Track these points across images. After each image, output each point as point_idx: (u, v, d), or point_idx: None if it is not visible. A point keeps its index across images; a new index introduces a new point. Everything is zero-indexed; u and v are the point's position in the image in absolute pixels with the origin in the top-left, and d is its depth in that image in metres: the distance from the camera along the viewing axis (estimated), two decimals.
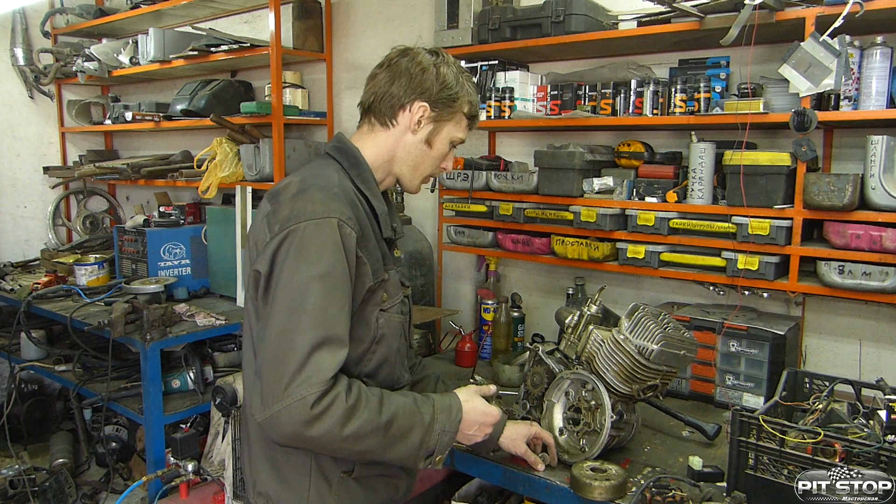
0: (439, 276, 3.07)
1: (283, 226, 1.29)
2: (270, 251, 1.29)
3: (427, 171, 1.56)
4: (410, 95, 1.47)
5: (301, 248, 1.26)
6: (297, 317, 1.23)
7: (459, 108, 1.51)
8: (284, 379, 1.20)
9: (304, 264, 1.25)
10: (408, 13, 3.28)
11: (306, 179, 1.38)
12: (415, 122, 1.48)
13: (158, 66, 3.81)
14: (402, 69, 1.47)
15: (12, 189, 4.59)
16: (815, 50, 1.90)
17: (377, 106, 1.49)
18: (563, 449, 1.75)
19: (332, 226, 1.28)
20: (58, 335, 3.61)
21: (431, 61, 1.47)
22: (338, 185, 1.38)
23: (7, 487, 3.13)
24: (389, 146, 1.51)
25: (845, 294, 1.97)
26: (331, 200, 1.32)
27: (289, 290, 1.25)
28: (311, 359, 1.21)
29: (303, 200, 1.31)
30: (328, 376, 1.22)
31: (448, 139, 1.53)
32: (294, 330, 1.23)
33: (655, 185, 2.31)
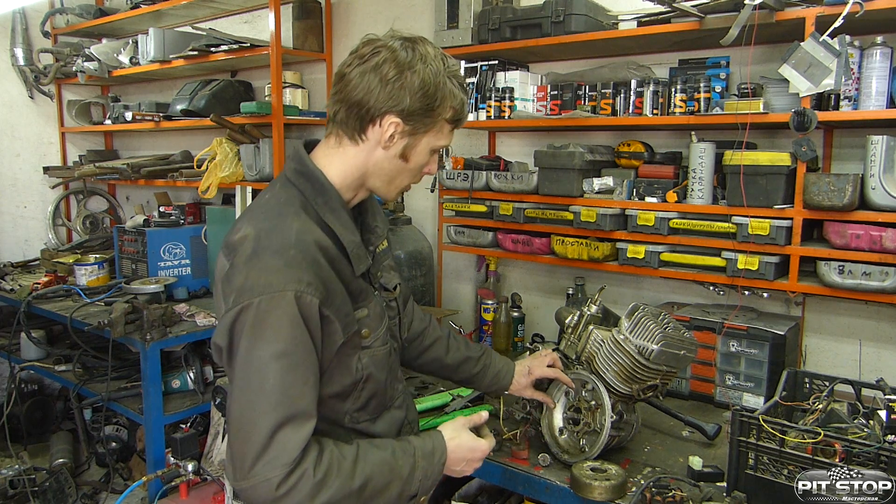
0: (439, 276, 3.07)
1: (237, 299, 1.19)
2: (227, 325, 1.20)
3: (405, 183, 1.42)
4: (380, 108, 1.28)
5: (256, 325, 1.17)
6: (257, 397, 1.17)
7: (440, 116, 1.33)
8: (249, 459, 1.16)
9: (260, 342, 1.17)
10: (408, 13, 3.28)
11: (261, 235, 1.23)
12: (386, 139, 1.31)
13: (158, 66, 3.81)
14: (370, 75, 1.27)
15: (12, 189, 4.59)
16: (815, 50, 1.90)
17: (343, 118, 1.32)
18: (563, 449, 1.75)
19: (289, 300, 1.17)
20: (58, 335, 3.61)
21: (406, 62, 1.27)
22: (295, 241, 1.22)
23: (7, 487, 3.13)
24: (359, 163, 1.35)
25: (845, 294, 1.97)
26: (286, 268, 1.19)
27: (247, 370, 1.18)
28: (274, 439, 1.16)
29: (257, 269, 1.19)
30: (293, 457, 1.16)
31: (427, 149, 1.37)
32: (255, 410, 1.17)
33: (655, 185, 2.31)
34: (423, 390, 2.30)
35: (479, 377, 1.80)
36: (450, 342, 1.80)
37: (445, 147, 1.41)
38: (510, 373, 1.81)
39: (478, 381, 1.81)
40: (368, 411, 1.41)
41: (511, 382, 1.81)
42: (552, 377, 1.80)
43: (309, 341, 1.21)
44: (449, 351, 1.78)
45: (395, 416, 1.49)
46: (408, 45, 1.29)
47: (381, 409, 1.45)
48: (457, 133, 2.38)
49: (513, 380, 1.81)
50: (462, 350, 1.80)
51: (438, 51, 1.33)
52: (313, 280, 1.21)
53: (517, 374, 1.81)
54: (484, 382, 1.81)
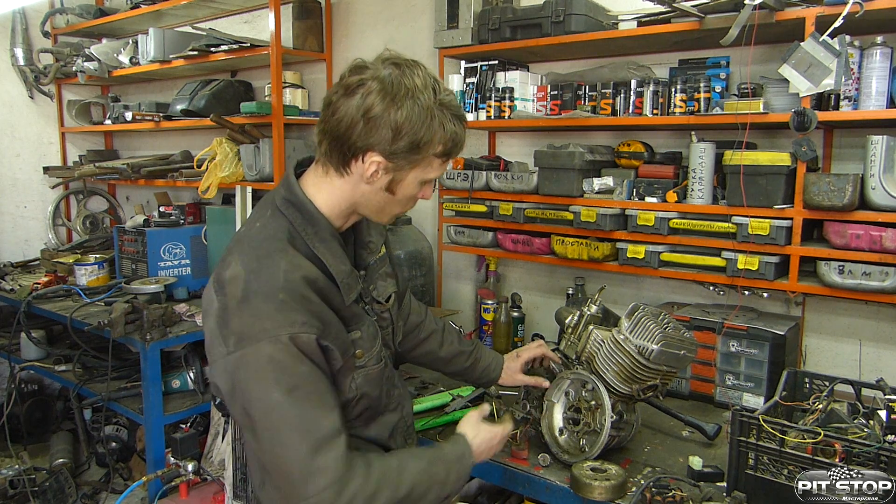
0: (439, 276, 3.07)
1: (236, 345, 1.21)
2: (229, 370, 1.22)
3: (396, 212, 1.41)
4: (362, 145, 1.25)
5: (261, 370, 1.19)
6: (284, 435, 1.20)
7: (428, 153, 1.29)
8: (296, 490, 1.20)
9: (269, 386, 1.19)
10: (408, 13, 3.28)
11: (251, 277, 1.23)
12: (368, 175, 1.29)
13: (158, 66, 3.81)
14: (353, 107, 1.23)
15: (12, 189, 4.59)
16: (815, 50, 1.90)
17: (327, 150, 1.30)
18: (564, 449, 1.75)
19: (286, 342, 1.19)
20: (58, 335, 3.61)
21: (392, 97, 1.22)
22: (283, 283, 1.22)
23: (7, 487, 3.13)
24: (346, 195, 1.33)
25: (845, 294, 1.97)
26: (278, 313, 1.20)
27: (267, 414, 1.20)
28: (313, 466, 1.19)
29: (250, 314, 1.21)
30: (337, 474, 1.20)
31: (415, 182, 1.34)
32: (287, 447, 1.20)
33: (655, 185, 2.31)
34: (423, 390, 2.30)
35: (469, 370, 1.89)
36: (444, 336, 1.88)
37: (436, 178, 1.38)
38: (499, 365, 1.91)
39: (468, 374, 1.90)
40: (361, 420, 1.46)
41: (500, 374, 1.90)
42: (538, 355, 1.91)
43: (316, 370, 1.24)
44: (443, 345, 1.86)
45: (388, 420, 1.53)
46: (397, 75, 1.24)
47: (374, 416, 1.49)
48: None
49: (502, 370, 1.90)
50: (455, 344, 1.88)
51: (430, 79, 1.28)
52: (307, 318, 1.23)
53: (507, 362, 1.91)
54: (474, 375, 1.90)
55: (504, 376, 1.90)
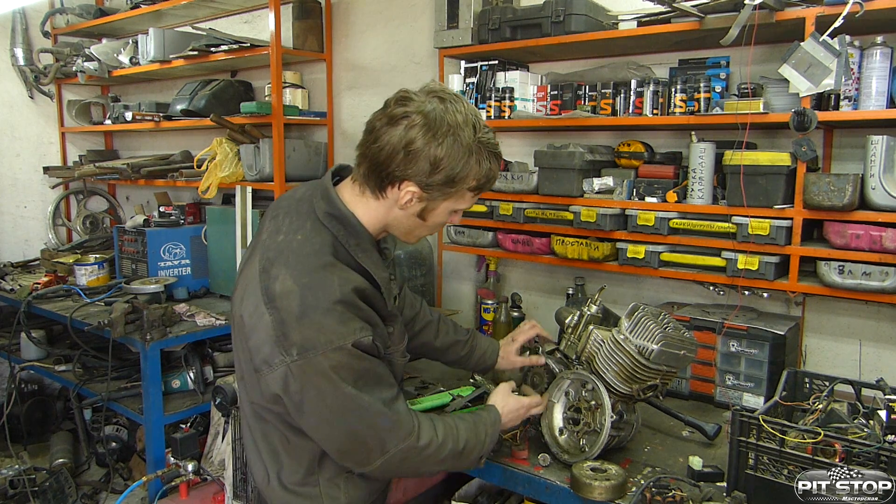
0: (439, 276, 3.07)
1: (300, 354, 1.29)
2: (293, 374, 1.31)
3: (423, 234, 1.51)
4: (400, 174, 1.34)
5: (329, 374, 1.30)
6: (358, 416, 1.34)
7: (462, 187, 1.38)
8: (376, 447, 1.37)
9: (338, 383, 1.30)
10: (408, 13, 3.28)
11: (306, 293, 1.31)
12: (403, 202, 1.38)
13: (158, 66, 3.81)
14: (396, 138, 1.31)
15: (12, 189, 4.59)
16: (815, 50, 1.90)
17: (365, 172, 1.38)
18: (563, 449, 1.75)
19: (350, 349, 1.30)
20: (58, 335, 3.61)
21: (433, 133, 1.29)
22: (339, 297, 1.31)
23: (7, 487, 3.13)
24: (381, 216, 1.43)
25: (845, 294, 1.97)
26: (339, 325, 1.30)
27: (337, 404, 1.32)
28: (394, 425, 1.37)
29: (312, 328, 1.29)
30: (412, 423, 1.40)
31: (446, 212, 1.44)
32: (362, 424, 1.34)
33: (655, 185, 2.31)
34: (423, 390, 2.30)
35: (466, 358, 1.96)
36: (439, 326, 1.93)
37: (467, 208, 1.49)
38: (495, 351, 1.97)
39: (465, 362, 1.97)
40: None
41: (496, 360, 1.97)
42: (532, 336, 1.98)
43: (374, 361, 1.38)
44: (438, 335, 1.92)
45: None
46: (440, 111, 1.31)
47: None
48: None
49: (498, 356, 1.96)
50: (451, 334, 1.94)
51: (472, 116, 1.34)
52: (362, 325, 1.34)
53: (502, 347, 1.97)
54: (471, 363, 1.96)
55: (501, 361, 1.96)
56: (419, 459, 1.42)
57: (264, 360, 1.34)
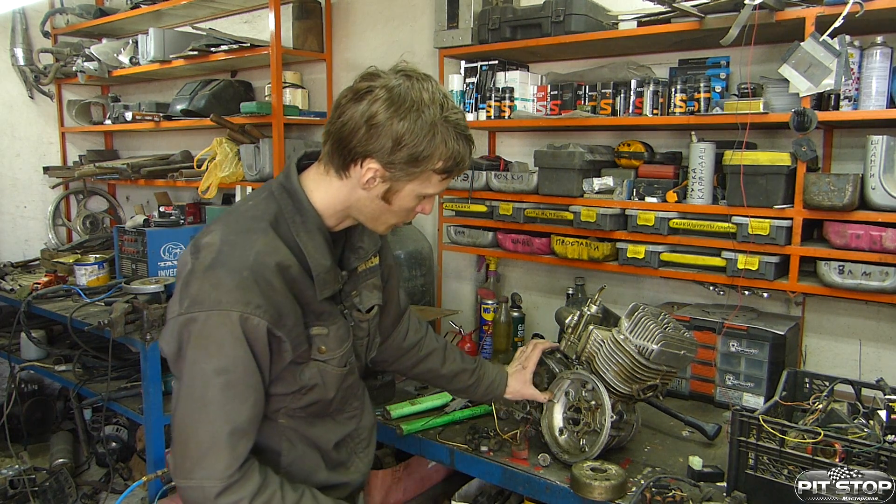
0: (439, 276, 3.07)
1: (189, 307, 1.22)
2: (176, 330, 1.24)
3: (391, 222, 1.40)
4: (361, 151, 1.26)
5: (203, 338, 1.21)
6: (198, 407, 1.22)
7: (427, 168, 1.28)
8: (187, 462, 1.22)
9: (204, 355, 1.22)
10: (408, 13, 3.28)
11: (224, 248, 1.25)
12: (364, 181, 1.29)
13: (158, 66, 3.81)
14: (358, 113, 1.24)
15: (12, 189, 4.58)
16: (815, 50, 1.90)
17: (329, 150, 1.31)
18: (563, 449, 1.75)
19: (234, 320, 1.20)
20: (58, 335, 3.61)
21: (397, 108, 1.23)
22: (252, 262, 1.23)
23: (7, 487, 3.13)
24: (342, 197, 1.34)
25: (845, 294, 1.97)
26: (237, 289, 1.21)
27: (191, 380, 1.23)
28: (211, 452, 1.21)
29: (210, 282, 1.22)
30: (229, 471, 1.21)
31: (412, 196, 1.34)
32: (196, 420, 1.22)
33: (655, 185, 2.31)
34: (423, 390, 2.31)
35: (473, 388, 1.84)
36: (446, 354, 1.83)
37: (435, 195, 1.38)
38: (503, 381, 1.84)
39: (472, 392, 1.85)
40: (307, 412, 1.43)
41: (504, 390, 1.84)
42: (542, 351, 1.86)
43: (252, 362, 1.24)
44: (445, 362, 1.82)
45: (339, 428, 1.51)
46: (406, 87, 1.25)
47: (321, 415, 1.46)
48: None
49: (507, 386, 1.84)
50: (458, 362, 1.83)
51: (439, 95, 1.28)
52: (262, 303, 1.23)
53: (512, 376, 1.85)
54: (478, 393, 1.85)
55: (511, 390, 1.84)
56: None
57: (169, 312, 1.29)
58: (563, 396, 1.79)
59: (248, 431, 1.25)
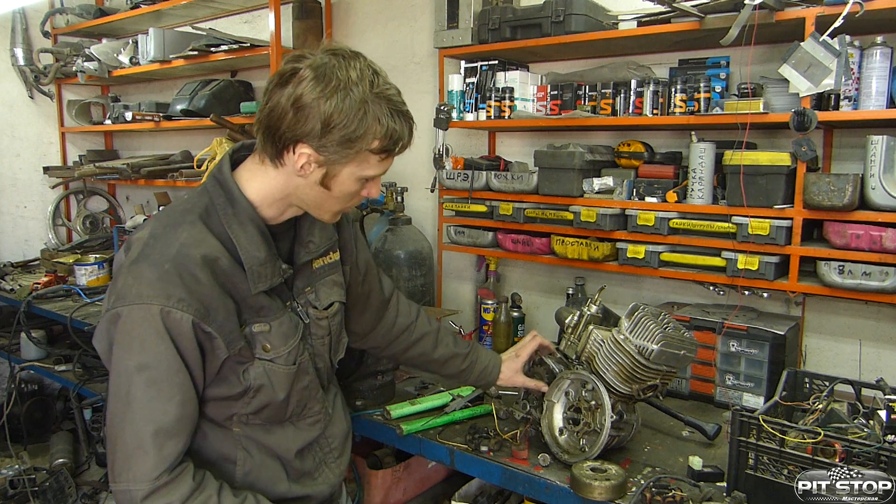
0: (439, 276, 3.07)
1: (114, 303, 1.20)
2: (104, 328, 1.22)
3: (336, 209, 1.35)
4: (292, 136, 1.21)
5: (126, 334, 1.18)
6: (122, 407, 1.19)
7: (362, 148, 1.23)
8: (116, 465, 1.19)
9: (126, 352, 1.19)
10: (408, 13, 3.28)
11: (150, 242, 1.23)
12: (298, 167, 1.24)
13: (158, 66, 3.81)
14: (284, 98, 1.19)
15: (12, 189, 4.58)
16: (815, 50, 1.90)
17: (261, 140, 1.26)
18: (563, 449, 1.75)
19: (154, 314, 1.16)
20: (58, 335, 3.61)
21: (322, 87, 1.17)
22: (174, 255, 1.20)
23: (7, 487, 3.13)
24: (280, 185, 1.29)
25: (845, 294, 1.97)
26: (158, 281, 1.17)
27: (116, 378, 1.20)
28: (136, 453, 1.17)
29: (134, 276, 1.19)
30: (154, 474, 1.16)
31: (353, 179, 1.28)
32: (121, 420, 1.19)
33: (655, 185, 2.31)
34: (423, 390, 2.30)
35: (466, 372, 1.85)
36: (438, 337, 1.83)
37: (376, 176, 1.32)
38: (497, 367, 1.86)
39: (465, 377, 1.87)
40: (261, 418, 1.38)
41: (498, 376, 1.86)
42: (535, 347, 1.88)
43: (176, 358, 1.20)
44: (437, 347, 1.82)
45: (298, 435, 1.45)
46: (332, 66, 1.19)
47: (278, 420, 1.41)
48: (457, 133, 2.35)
49: (500, 372, 1.86)
50: (450, 346, 1.83)
51: (368, 72, 1.22)
52: (185, 296, 1.19)
53: (505, 363, 1.87)
54: (471, 378, 1.86)
55: (503, 377, 1.86)
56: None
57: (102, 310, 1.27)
58: (563, 396, 1.79)
59: (176, 432, 1.20)
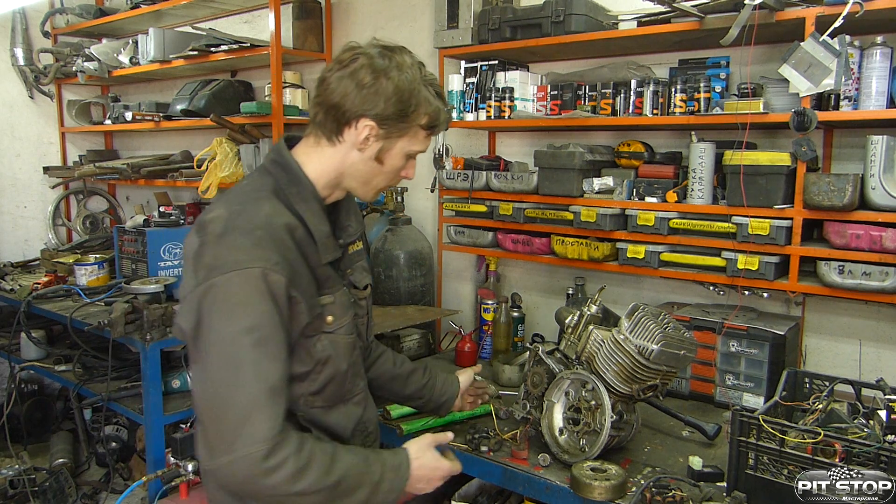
0: (439, 276, 3.07)
1: (206, 275, 1.22)
2: (195, 303, 1.23)
3: (381, 185, 1.47)
4: (355, 111, 1.33)
5: (226, 301, 1.21)
6: (231, 373, 1.20)
7: (414, 122, 1.38)
8: (228, 434, 1.19)
9: (231, 318, 1.21)
10: (408, 13, 3.28)
11: (232, 216, 1.28)
12: (360, 141, 1.36)
13: (158, 66, 3.81)
14: (347, 80, 1.32)
15: (12, 189, 4.58)
16: (815, 50, 1.90)
17: (321, 120, 1.37)
18: (563, 449, 1.75)
19: (257, 276, 1.21)
20: (58, 335, 3.61)
21: (382, 69, 1.32)
22: (264, 223, 1.27)
23: (7, 487, 3.13)
24: (336, 163, 1.40)
25: (845, 294, 1.97)
26: (254, 247, 1.23)
27: (220, 346, 1.21)
28: (252, 415, 1.19)
29: (226, 247, 1.24)
30: (273, 432, 1.20)
31: (403, 154, 1.42)
32: (231, 385, 1.20)
33: (655, 185, 2.31)
34: None
35: (430, 385, 1.85)
36: (395, 356, 1.85)
37: (420, 152, 1.46)
38: (455, 379, 1.89)
39: (428, 390, 1.85)
40: (324, 397, 1.43)
41: (459, 388, 1.89)
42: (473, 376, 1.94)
43: (277, 316, 1.25)
44: (396, 363, 1.83)
45: (352, 412, 1.51)
46: (386, 53, 1.35)
47: (337, 399, 1.47)
48: (457, 133, 2.36)
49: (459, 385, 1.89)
50: (408, 363, 1.86)
51: (416, 60, 1.39)
52: (280, 260, 1.25)
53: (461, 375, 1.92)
54: (435, 391, 1.86)
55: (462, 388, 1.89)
56: (266, 484, 1.19)
57: (182, 288, 1.29)
58: (563, 396, 1.79)
59: (282, 389, 1.25)
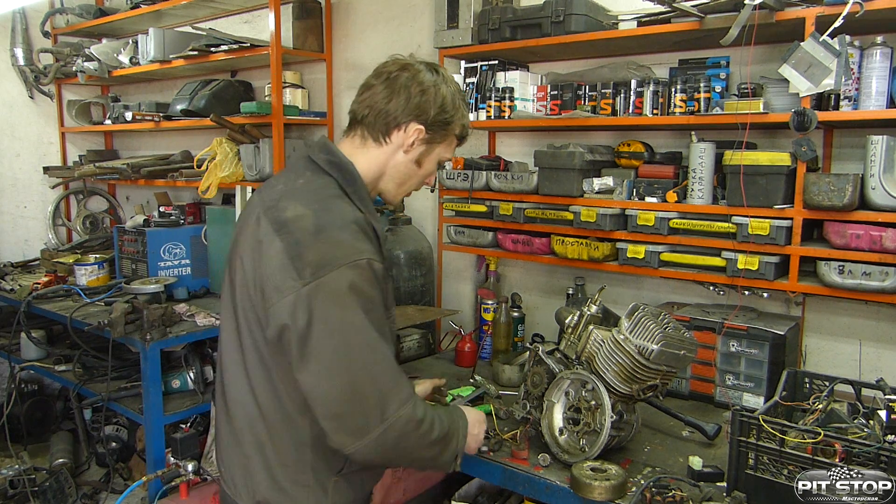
0: (439, 276, 3.07)
1: (315, 272, 1.28)
2: (304, 302, 1.28)
3: (412, 188, 1.59)
4: (407, 116, 1.45)
5: (339, 295, 1.29)
6: (368, 354, 1.30)
7: (452, 132, 1.53)
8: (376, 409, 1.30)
9: (350, 307, 1.29)
10: (408, 13, 3.28)
11: (319, 214, 1.35)
12: (408, 143, 1.47)
13: (158, 66, 3.81)
14: (401, 87, 1.44)
15: (12, 189, 4.59)
16: (815, 50, 1.90)
17: (371, 121, 1.47)
18: (563, 449, 1.75)
19: (364, 266, 1.31)
20: (58, 335, 3.61)
21: (432, 82, 1.45)
22: (352, 219, 1.37)
23: (7, 487, 3.13)
24: (380, 163, 1.50)
25: (845, 294, 1.97)
26: (355, 240, 1.33)
27: (345, 334, 1.29)
28: (393, 383, 1.32)
29: (328, 243, 1.31)
30: (412, 391, 1.36)
31: (437, 159, 1.55)
32: (369, 365, 1.30)
33: (655, 185, 2.31)
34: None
35: None
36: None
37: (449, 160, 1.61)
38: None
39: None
40: None
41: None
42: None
43: (380, 298, 1.37)
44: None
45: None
46: (431, 68, 1.49)
47: None
48: None
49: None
50: None
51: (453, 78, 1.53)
52: (376, 250, 1.38)
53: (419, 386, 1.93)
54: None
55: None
56: (416, 437, 1.35)
57: (276, 287, 1.32)
58: (563, 396, 1.79)
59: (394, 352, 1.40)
